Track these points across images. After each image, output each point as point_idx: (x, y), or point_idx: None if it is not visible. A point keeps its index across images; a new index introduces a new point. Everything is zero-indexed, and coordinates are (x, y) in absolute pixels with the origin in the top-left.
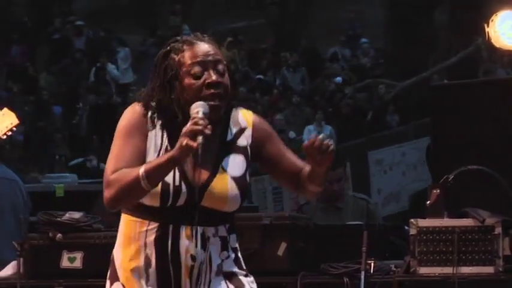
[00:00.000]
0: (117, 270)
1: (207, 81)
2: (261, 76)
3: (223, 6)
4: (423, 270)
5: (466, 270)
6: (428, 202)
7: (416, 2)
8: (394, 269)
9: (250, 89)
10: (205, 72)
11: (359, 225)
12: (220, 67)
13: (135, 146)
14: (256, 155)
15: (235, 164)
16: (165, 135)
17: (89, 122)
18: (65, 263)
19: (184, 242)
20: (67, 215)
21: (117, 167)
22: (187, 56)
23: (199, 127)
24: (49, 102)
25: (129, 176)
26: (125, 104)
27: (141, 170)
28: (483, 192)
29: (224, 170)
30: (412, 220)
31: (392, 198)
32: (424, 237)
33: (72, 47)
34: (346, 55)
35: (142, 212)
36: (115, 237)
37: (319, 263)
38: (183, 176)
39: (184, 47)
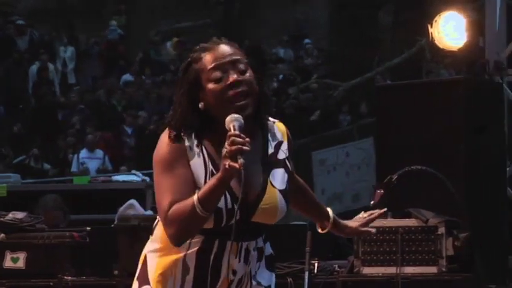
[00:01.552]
0: (149, 273)
1: (227, 82)
2: None
3: (168, 7)
4: (367, 270)
5: (409, 270)
6: (371, 202)
7: (360, 2)
8: (338, 269)
9: None
10: (225, 74)
11: (303, 226)
12: (241, 65)
13: (181, 176)
14: None
15: (280, 178)
16: (206, 157)
17: (31, 122)
18: (7, 263)
19: (227, 257)
20: (10, 215)
21: (171, 202)
22: (206, 62)
23: (237, 146)
24: None
25: (186, 208)
26: (68, 104)
27: (195, 198)
28: (427, 192)
29: (272, 185)
30: None
31: (335, 198)
32: (368, 238)
33: (14, 46)
34: (290, 56)
35: None
36: (59, 237)
37: None
38: (234, 197)
39: (202, 54)
